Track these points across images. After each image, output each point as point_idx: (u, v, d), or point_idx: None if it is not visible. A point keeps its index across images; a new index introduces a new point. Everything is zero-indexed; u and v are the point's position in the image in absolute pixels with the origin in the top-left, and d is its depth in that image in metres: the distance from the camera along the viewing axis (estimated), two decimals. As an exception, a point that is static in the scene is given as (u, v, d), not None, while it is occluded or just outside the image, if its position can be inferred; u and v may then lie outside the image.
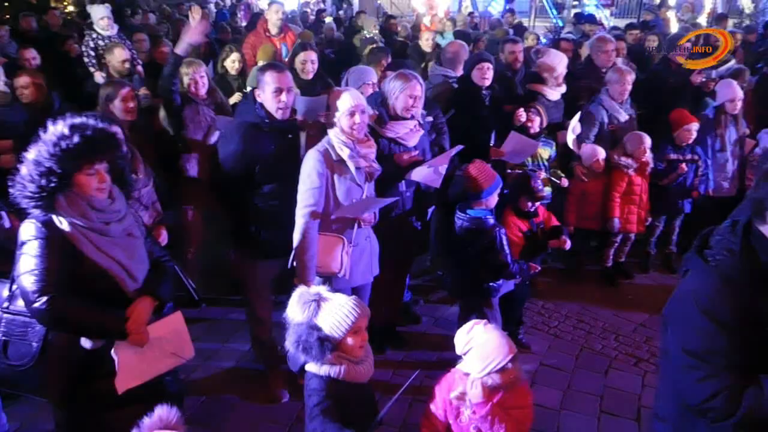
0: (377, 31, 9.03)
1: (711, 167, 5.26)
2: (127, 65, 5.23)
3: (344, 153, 3.14)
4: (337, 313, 2.16)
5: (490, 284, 3.66)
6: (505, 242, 3.55)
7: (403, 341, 4.24)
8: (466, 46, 5.33)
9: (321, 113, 3.60)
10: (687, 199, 5.27)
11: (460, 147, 3.78)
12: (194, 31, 4.08)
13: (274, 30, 6.31)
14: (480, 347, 2.33)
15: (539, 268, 3.83)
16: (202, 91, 4.47)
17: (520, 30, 9.74)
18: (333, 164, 3.16)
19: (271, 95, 3.25)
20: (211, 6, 14.52)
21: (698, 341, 1.84)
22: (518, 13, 12.83)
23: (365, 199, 3.29)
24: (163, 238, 3.58)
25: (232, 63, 5.43)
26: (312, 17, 13.51)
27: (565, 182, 4.80)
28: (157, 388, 2.45)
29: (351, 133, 3.14)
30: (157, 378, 2.47)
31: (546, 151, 4.82)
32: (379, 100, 3.68)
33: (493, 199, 3.61)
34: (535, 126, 4.69)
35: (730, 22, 14.56)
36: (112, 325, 2.32)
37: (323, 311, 2.18)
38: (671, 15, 12.66)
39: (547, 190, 4.71)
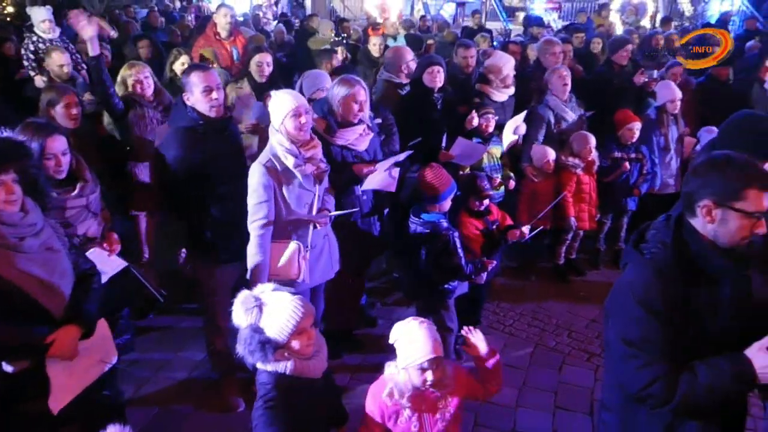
0: (334, 34, 9.00)
1: (658, 165, 5.43)
2: (66, 69, 5.06)
3: (289, 162, 3.11)
4: (279, 316, 2.13)
5: (445, 286, 3.69)
6: (458, 245, 3.57)
7: (359, 345, 4.23)
8: (407, 51, 5.35)
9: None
10: (632, 197, 5.43)
11: (409, 152, 3.82)
12: (84, 25, 3.99)
13: (223, 33, 6.22)
14: (405, 341, 2.32)
15: (494, 263, 3.85)
16: (148, 92, 4.39)
17: (479, 31, 9.82)
18: (279, 174, 3.12)
19: (201, 95, 3.21)
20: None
21: (635, 331, 1.92)
22: (467, 17, 12.99)
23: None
24: (115, 245, 3.49)
25: (181, 66, 5.33)
26: (264, 20, 13.40)
27: (511, 184, 4.89)
28: (93, 404, 2.38)
29: (298, 134, 3.10)
30: (95, 394, 2.40)
31: (499, 150, 4.91)
32: (325, 107, 3.66)
33: (447, 204, 3.62)
34: (490, 127, 4.77)
35: (672, 25, 15.16)
36: (32, 344, 2.22)
37: (266, 315, 2.15)
38: (615, 18, 13.08)
39: (499, 190, 4.81)
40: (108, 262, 3.10)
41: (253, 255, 3.13)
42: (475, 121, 4.66)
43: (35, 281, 2.24)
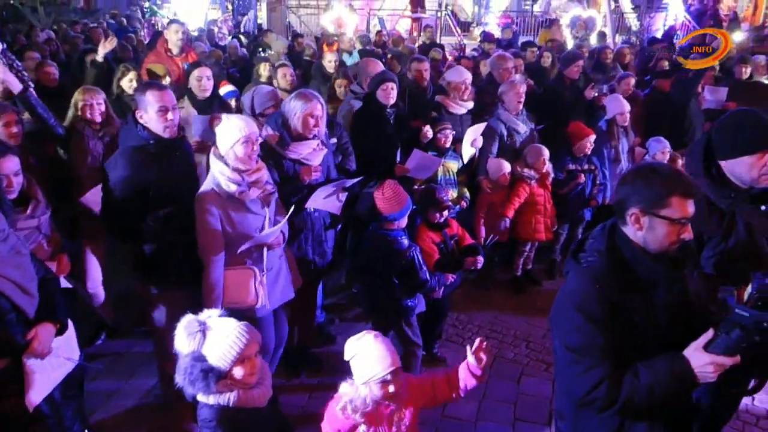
0: (285, 51, 8.97)
1: (609, 177, 5.56)
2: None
3: (232, 189, 3.04)
4: (222, 342, 2.07)
5: (407, 303, 3.65)
6: (421, 261, 3.55)
7: (318, 363, 4.17)
8: (378, 63, 5.41)
9: None
10: (587, 208, 5.54)
11: (359, 179, 3.85)
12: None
13: (175, 50, 6.11)
14: (364, 357, 2.30)
15: (453, 278, 3.85)
16: (97, 117, 4.25)
17: (433, 46, 9.94)
18: (224, 202, 3.06)
19: (156, 115, 3.12)
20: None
21: (576, 338, 1.98)
22: (428, 28, 13.12)
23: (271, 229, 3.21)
24: (65, 267, 3.36)
25: (129, 83, 5.20)
26: (220, 35, 13.27)
27: (463, 204, 4.94)
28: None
29: (248, 162, 3.04)
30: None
31: (455, 165, 4.95)
32: (279, 121, 3.62)
33: (404, 221, 3.59)
34: (448, 142, 4.81)
35: (619, 39, 15.66)
36: (11, 343, 2.33)
37: (209, 341, 2.08)
38: (566, 33, 13.44)
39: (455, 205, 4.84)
40: None
41: (205, 285, 3.07)
42: (429, 134, 4.68)
43: (10, 283, 2.34)
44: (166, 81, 5.41)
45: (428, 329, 4.02)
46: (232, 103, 5.24)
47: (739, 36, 6.22)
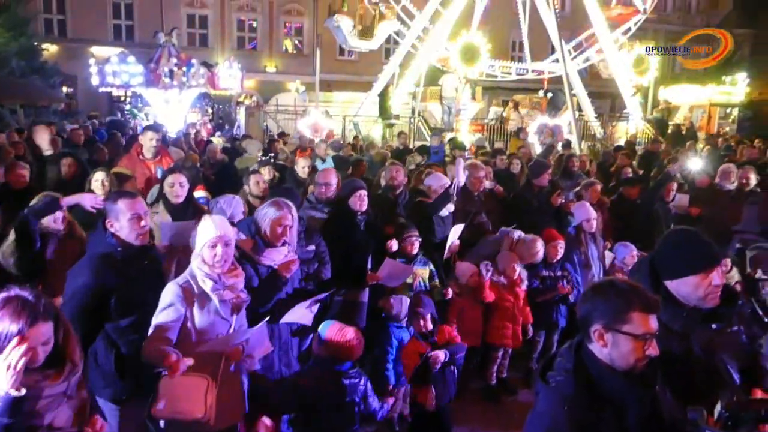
0: (261, 154, 9.15)
1: (581, 283, 5.58)
2: None
3: (207, 286, 2.99)
4: None
5: None
6: (369, 394, 3.38)
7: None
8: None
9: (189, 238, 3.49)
10: (561, 314, 5.50)
11: (328, 293, 3.82)
12: None
13: (148, 154, 6.19)
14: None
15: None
16: (60, 225, 4.18)
17: (406, 151, 10.32)
18: (194, 298, 2.98)
19: (128, 223, 3.11)
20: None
21: None
22: (402, 134, 13.63)
23: (233, 333, 3.10)
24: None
25: (95, 182, 5.17)
26: (199, 138, 13.54)
27: (448, 292, 4.89)
28: None
29: (213, 266, 3.01)
30: None
31: (425, 271, 4.94)
32: (252, 227, 3.63)
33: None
34: (414, 249, 4.83)
35: (585, 146, 16.41)
36: None
37: None
38: (534, 139, 14.04)
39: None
40: None
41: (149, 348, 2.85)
42: (395, 247, 4.72)
43: None
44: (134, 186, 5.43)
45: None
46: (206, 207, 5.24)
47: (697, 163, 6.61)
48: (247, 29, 27.42)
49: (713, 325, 2.38)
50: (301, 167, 6.80)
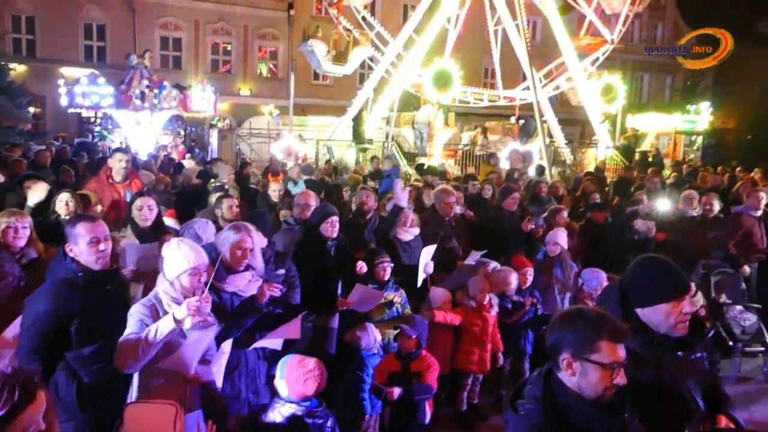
0: (233, 177, 9.07)
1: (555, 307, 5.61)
2: None
3: (178, 314, 2.90)
4: None
5: None
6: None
7: None
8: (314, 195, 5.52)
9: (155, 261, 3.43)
10: (528, 340, 5.51)
11: (301, 315, 3.78)
12: None
13: (117, 177, 6.08)
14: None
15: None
16: (19, 242, 4.06)
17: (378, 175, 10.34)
18: (159, 319, 2.92)
19: (87, 247, 3.05)
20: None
21: None
22: (375, 159, 13.67)
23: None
24: None
25: (60, 202, 5.06)
26: (168, 160, 13.41)
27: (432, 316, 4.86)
28: None
29: (194, 293, 2.96)
30: None
31: (394, 296, 4.92)
32: (213, 254, 3.57)
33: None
34: (386, 275, 4.83)
35: (555, 171, 16.68)
36: None
37: None
38: (506, 165, 14.20)
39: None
40: None
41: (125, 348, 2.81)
42: (364, 269, 4.71)
43: None
44: (98, 209, 5.32)
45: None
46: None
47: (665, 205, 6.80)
48: (222, 52, 27.38)
49: (680, 353, 2.39)
50: (273, 191, 6.76)
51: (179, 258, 2.97)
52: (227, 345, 3.51)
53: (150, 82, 14.90)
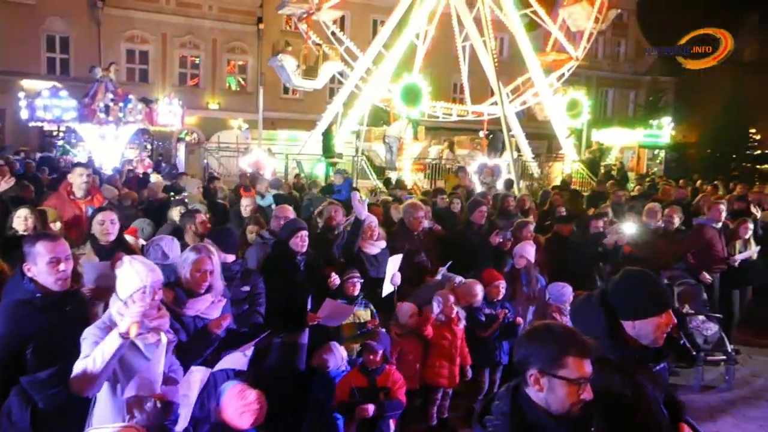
0: (200, 193, 8.95)
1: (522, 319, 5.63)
2: None
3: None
4: None
5: None
6: None
7: None
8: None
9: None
10: (504, 351, 5.52)
11: (266, 333, 3.70)
12: None
13: (78, 193, 5.93)
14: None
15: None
16: None
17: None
18: None
19: (46, 267, 2.94)
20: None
21: None
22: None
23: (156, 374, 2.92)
24: None
25: (18, 219, 4.90)
26: (132, 174, 13.18)
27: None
28: None
29: (148, 312, 2.85)
30: None
31: (366, 313, 4.90)
32: (172, 277, 3.48)
33: None
34: (356, 290, 4.81)
35: (523, 185, 16.90)
36: None
37: None
38: (475, 179, 14.33)
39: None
40: None
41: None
42: (337, 281, 4.66)
43: None
44: (57, 226, 5.17)
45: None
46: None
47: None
48: (190, 66, 27.16)
49: (650, 364, 2.43)
50: (244, 206, 6.68)
51: (132, 276, 2.86)
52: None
53: (115, 95, 14.67)
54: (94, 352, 2.70)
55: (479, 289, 5.28)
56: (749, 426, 5.50)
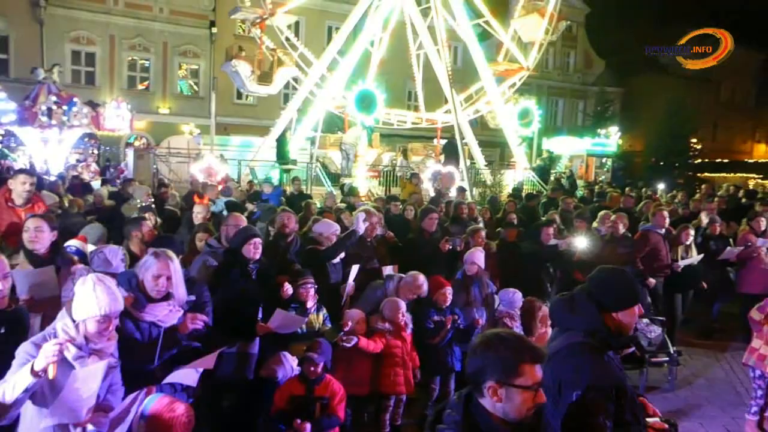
0: (151, 199, 8.72)
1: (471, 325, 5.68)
2: None
3: (70, 353, 2.67)
4: None
5: None
6: None
7: None
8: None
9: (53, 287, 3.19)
10: (456, 357, 5.55)
11: (218, 351, 3.63)
12: None
13: (18, 201, 5.63)
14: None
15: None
16: None
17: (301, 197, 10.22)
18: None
19: None
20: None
21: None
22: (296, 180, 13.53)
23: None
24: None
25: None
26: (77, 181, 12.74)
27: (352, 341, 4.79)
28: None
29: (98, 339, 2.76)
30: None
31: (318, 317, 4.87)
32: (133, 281, 3.40)
33: None
34: (309, 295, 4.78)
35: (476, 192, 17.12)
36: None
37: None
38: (428, 186, 14.45)
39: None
40: None
41: None
42: (290, 291, 4.61)
43: None
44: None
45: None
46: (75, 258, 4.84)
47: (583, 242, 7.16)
48: (139, 69, 26.47)
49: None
50: (197, 213, 6.52)
51: (91, 301, 2.73)
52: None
53: (58, 98, 14.17)
54: (4, 385, 2.54)
55: (422, 279, 5.29)
56: (689, 424, 5.69)
